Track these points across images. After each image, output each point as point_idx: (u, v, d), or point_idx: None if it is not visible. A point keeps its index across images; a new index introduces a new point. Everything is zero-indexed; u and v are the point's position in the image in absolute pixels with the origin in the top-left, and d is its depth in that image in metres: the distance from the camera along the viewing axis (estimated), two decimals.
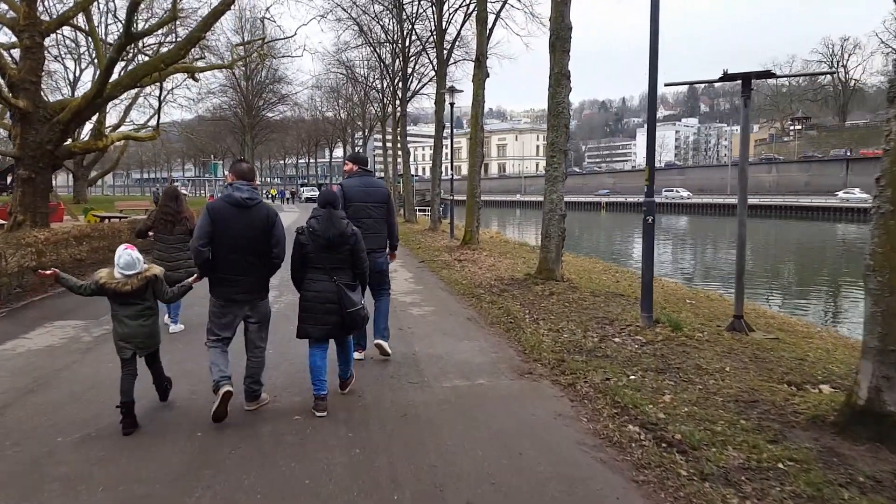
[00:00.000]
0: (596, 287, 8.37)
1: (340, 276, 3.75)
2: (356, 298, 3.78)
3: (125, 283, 3.46)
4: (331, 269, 3.72)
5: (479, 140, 13.42)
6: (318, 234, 3.70)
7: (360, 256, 3.82)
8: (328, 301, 3.70)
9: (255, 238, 3.61)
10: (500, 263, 11.05)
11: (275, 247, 3.68)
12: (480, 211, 13.85)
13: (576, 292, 7.79)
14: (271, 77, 42.31)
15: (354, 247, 3.78)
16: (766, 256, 26.82)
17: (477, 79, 13.30)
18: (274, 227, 3.68)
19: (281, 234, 3.72)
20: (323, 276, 3.72)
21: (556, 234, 8.32)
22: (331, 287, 3.70)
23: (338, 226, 3.73)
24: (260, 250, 3.64)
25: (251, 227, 3.60)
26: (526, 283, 8.34)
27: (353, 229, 3.80)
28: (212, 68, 17.83)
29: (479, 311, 6.89)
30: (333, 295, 3.69)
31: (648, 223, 5.88)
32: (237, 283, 3.62)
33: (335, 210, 3.80)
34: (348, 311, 3.71)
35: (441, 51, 19.52)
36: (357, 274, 3.87)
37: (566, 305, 7.02)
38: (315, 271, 3.74)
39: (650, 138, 5.90)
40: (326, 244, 3.70)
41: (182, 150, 79.60)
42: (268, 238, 3.65)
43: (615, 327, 5.99)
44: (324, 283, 3.71)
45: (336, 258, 3.74)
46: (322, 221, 3.74)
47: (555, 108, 8.30)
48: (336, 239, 3.71)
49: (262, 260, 3.67)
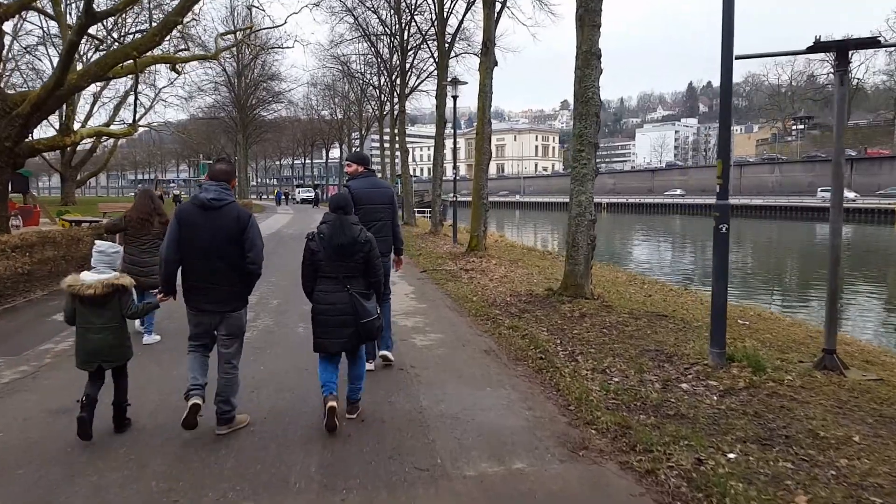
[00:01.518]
0: (631, 305, 7.07)
1: (354, 285, 3.52)
2: (371, 308, 3.56)
3: (88, 287, 3.22)
4: (344, 277, 3.50)
5: (487, 135, 12.13)
6: (328, 240, 3.48)
7: (374, 264, 3.59)
8: (343, 313, 3.49)
9: (224, 242, 3.32)
10: (513, 274, 9.73)
11: (248, 251, 3.35)
12: (488, 214, 12.54)
13: (611, 313, 6.48)
14: (264, 74, 40.93)
15: (369, 254, 3.55)
16: (789, 259, 25.57)
17: (484, 66, 12.00)
18: (246, 231, 3.35)
19: (255, 238, 3.38)
20: (335, 285, 3.50)
21: (584, 244, 7.01)
22: (344, 297, 3.48)
23: (349, 232, 3.51)
24: (231, 256, 3.34)
25: (220, 231, 3.32)
26: (549, 302, 7.03)
27: (367, 236, 3.57)
28: (194, 59, 16.49)
29: (499, 341, 5.57)
30: (347, 306, 3.48)
31: (722, 233, 4.56)
32: (206, 292, 3.36)
33: (346, 215, 3.57)
34: (363, 321, 3.49)
35: (442, 41, 18.24)
36: (371, 283, 3.63)
37: (604, 332, 5.71)
38: (327, 280, 3.52)
39: (724, 119, 4.59)
40: (338, 251, 3.48)
41: (177, 150, 78.27)
42: (240, 243, 3.34)
43: (676, 366, 4.68)
44: (337, 293, 3.49)
45: (349, 266, 3.52)
46: (333, 227, 3.51)
47: (583, 93, 7.00)
48: (348, 247, 3.49)
49: (233, 267, 3.36)
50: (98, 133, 17.69)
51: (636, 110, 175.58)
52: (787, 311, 11.52)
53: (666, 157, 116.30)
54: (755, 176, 72.52)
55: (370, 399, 3.93)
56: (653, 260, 25.80)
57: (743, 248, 31.33)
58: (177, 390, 3.79)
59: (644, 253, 28.87)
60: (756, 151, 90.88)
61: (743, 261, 25.28)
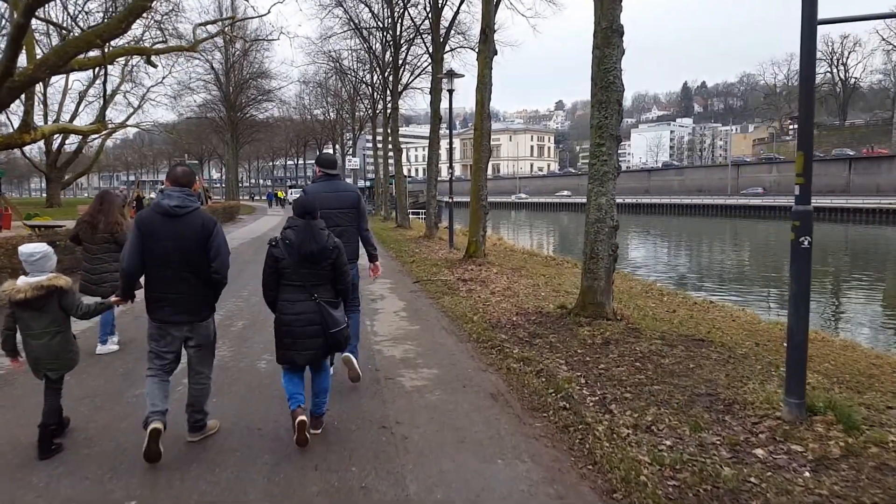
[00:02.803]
0: (660, 326, 6.00)
1: (321, 293, 3.37)
2: (339, 316, 3.42)
3: (18, 292, 3.11)
4: (311, 286, 3.34)
5: (486, 131, 11.05)
6: (295, 247, 3.29)
7: (343, 271, 3.48)
8: (310, 323, 3.32)
9: (189, 251, 3.19)
10: (518, 286, 8.65)
11: (213, 260, 3.22)
12: (488, 216, 11.45)
13: (640, 339, 5.41)
14: (253, 71, 39.70)
15: (337, 260, 3.42)
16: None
17: (483, 56, 10.93)
18: (211, 238, 3.23)
19: (220, 246, 3.26)
20: (301, 294, 3.33)
21: (605, 254, 5.94)
22: (311, 307, 3.33)
23: (318, 239, 3.34)
24: (196, 265, 3.21)
25: (184, 239, 3.17)
26: (564, 323, 5.95)
27: (335, 241, 3.43)
28: (169, 50, 15.32)
29: (508, 378, 4.49)
30: (315, 315, 3.32)
31: (802, 248, 3.49)
32: (172, 303, 3.22)
33: (315, 220, 3.39)
34: (332, 331, 3.35)
35: (437, 32, 17.15)
36: (339, 290, 3.51)
37: (638, 366, 4.64)
38: (292, 289, 3.35)
39: (806, 100, 3.52)
40: (307, 259, 3.31)
41: (168, 151, 76.88)
42: (204, 251, 3.20)
43: (741, 419, 3.62)
44: (304, 302, 3.33)
45: (317, 274, 3.37)
46: (300, 233, 3.33)
47: (602, 77, 5.93)
48: (318, 254, 3.32)
49: (199, 276, 3.24)
50: (62, 130, 16.51)
51: (631, 111, 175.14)
52: (823, 326, 10.51)
53: (662, 157, 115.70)
54: (753, 176, 71.95)
55: (338, 483, 2.85)
56: (660, 262, 24.82)
57: (749, 249, 30.46)
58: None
59: (649, 255, 27.90)
60: (753, 151, 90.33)
61: (754, 263, 24.34)
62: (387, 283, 9.26)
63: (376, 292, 8.48)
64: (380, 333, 5.92)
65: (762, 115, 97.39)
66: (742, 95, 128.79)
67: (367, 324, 6.33)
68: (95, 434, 3.46)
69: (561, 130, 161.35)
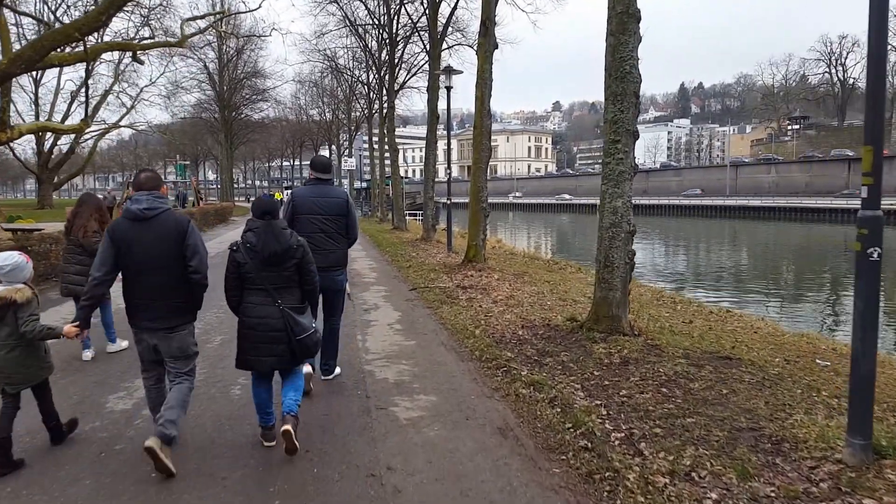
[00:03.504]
0: (681, 342, 5.44)
1: (286, 298, 3.21)
2: (306, 322, 3.24)
3: None
4: (274, 289, 3.17)
5: (486, 129, 10.48)
6: (257, 249, 3.14)
7: (308, 271, 3.29)
8: (273, 328, 3.16)
9: (165, 253, 3.08)
10: (521, 294, 8.08)
11: (190, 259, 3.09)
12: (488, 219, 10.87)
13: (662, 357, 4.86)
14: (247, 70, 39.07)
15: (301, 261, 3.25)
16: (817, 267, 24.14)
17: (482, 49, 10.37)
18: (187, 238, 3.11)
19: (197, 245, 3.13)
20: (265, 298, 3.18)
21: (621, 262, 5.37)
22: (275, 312, 3.16)
23: (281, 240, 3.18)
24: (173, 268, 3.09)
25: (158, 241, 3.08)
26: (576, 338, 5.38)
27: (299, 240, 3.27)
28: (156, 46, 14.68)
29: (517, 408, 3.91)
30: (279, 321, 3.15)
31: (871, 260, 2.92)
32: (148, 309, 3.12)
33: (275, 220, 3.22)
34: (298, 338, 3.18)
35: (434, 29, 16.59)
36: (305, 292, 3.33)
37: (665, 392, 4.08)
38: (255, 293, 3.19)
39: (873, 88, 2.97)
40: (269, 261, 3.15)
41: (164, 152, 76.16)
42: (180, 251, 3.08)
43: (795, 463, 3.06)
44: (266, 307, 3.17)
45: (280, 277, 3.20)
46: (261, 235, 3.17)
47: (618, 67, 5.37)
48: (281, 255, 3.16)
49: (177, 280, 3.11)
50: (42, 128, 15.91)
51: None
52: (841, 335, 9.96)
53: (659, 157, 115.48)
54: (752, 177, 71.64)
55: None
56: (664, 266, 24.30)
57: (752, 250, 29.96)
58: None
59: (652, 258, 27.37)
60: (751, 152, 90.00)
61: (757, 266, 23.85)
62: (381, 291, 8.68)
63: (370, 301, 7.90)
64: (372, 350, 5.34)
65: (760, 116, 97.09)
66: (739, 96, 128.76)
67: (358, 338, 5.76)
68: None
69: (558, 131, 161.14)
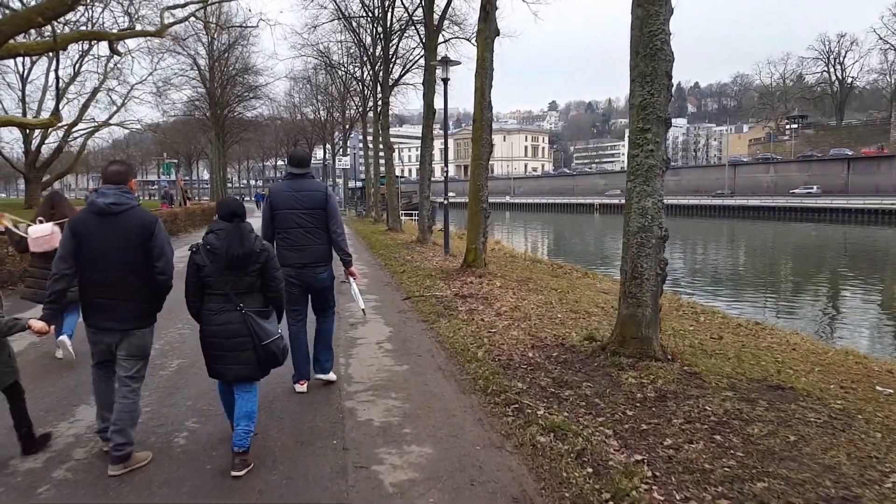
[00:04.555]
0: (719, 366, 4.61)
1: (248, 303, 3.07)
2: (271, 328, 3.09)
3: None
4: (236, 294, 3.03)
5: (487, 122, 9.64)
6: (219, 252, 3.01)
7: (273, 276, 3.15)
8: (236, 335, 3.01)
9: (128, 251, 2.96)
10: (527, 304, 7.24)
11: (157, 260, 3.00)
12: (489, 220, 10.01)
13: (705, 389, 4.02)
14: (239, 67, 38.11)
15: (265, 265, 3.11)
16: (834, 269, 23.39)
17: (482, 36, 9.52)
18: (153, 237, 3.00)
19: (163, 244, 3.02)
20: (226, 303, 3.04)
21: (651, 273, 4.53)
22: (237, 317, 3.02)
23: (246, 243, 3.03)
24: (136, 267, 2.98)
25: (122, 239, 2.95)
26: (598, 363, 4.54)
27: (263, 244, 3.13)
28: (133, 35, 13.74)
29: (535, 466, 3.05)
30: (241, 326, 3.01)
31: None
32: (106, 309, 2.97)
33: (244, 223, 3.08)
34: (263, 343, 3.03)
35: (431, 19, 15.74)
36: (270, 298, 3.17)
37: (719, 441, 3.23)
38: (216, 298, 3.05)
39: None
40: (231, 265, 3.00)
41: (157, 151, 75.04)
42: (145, 251, 2.97)
43: None
44: (228, 312, 3.03)
45: (243, 281, 3.05)
46: (225, 237, 3.02)
47: (647, 42, 4.54)
48: (243, 259, 3.01)
49: (139, 279, 2.99)
50: (7, 122, 14.97)
51: (624, 111, 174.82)
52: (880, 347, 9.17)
53: None
54: (750, 176, 71.13)
55: None
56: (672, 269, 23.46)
57: (757, 252, 29.24)
58: None
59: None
60: (749, 151, 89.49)
61: (764, 267, 23.09)
62: (372, 301, 7.82)
63: (357, 313, 7.03)
64: (356, 379, 4.49)
65: (757, 115, 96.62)
66: (736, 96, 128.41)
67: (340, 362, 4.91)
68: None
69: (555, 131, 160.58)
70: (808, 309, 14.73)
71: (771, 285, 18.90)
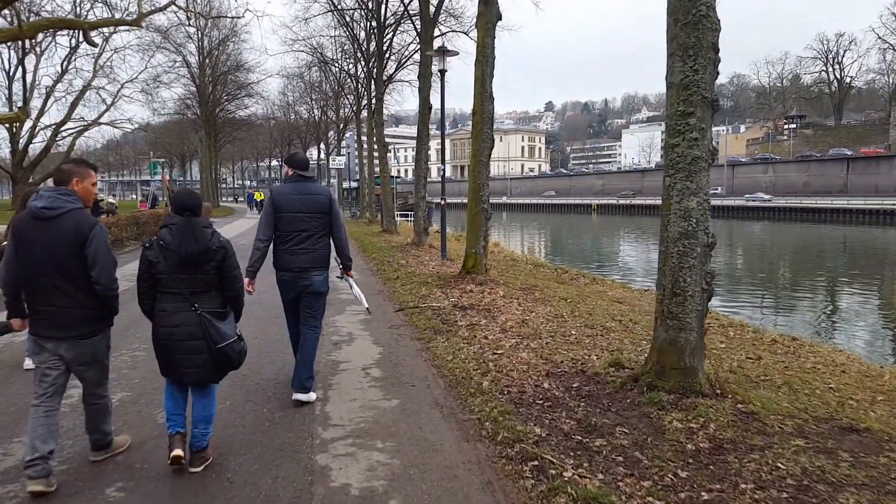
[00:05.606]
0: (777, 402, 3.80)
1: (204, 303, 2.92)
2: (227, 329, 2.96)
3: None
4: (191, 294, 2.89)
5: (488, 115, 8.82)
6: (172, 249, 2.86)
7: (231, 275, 3.01)
8: (190, 336, 2.88)
9: (63, 258, 2.79)
10: (535, 317, 6.41)
11: (91, 269, 2.80)
12: (490, 222, 9.18)
13: (768, 435, 3.21)
14: (230, 64, 37.20)
15: (222, 263, 2.96)
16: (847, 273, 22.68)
17: (483, 20, 8.70)
18: (88, 244, 2.80)
19: (98, 252, 2.81)
20: (181, 303, 2.90)
21: (696, 289, 3.71)
22: (192, 318, 2.89)
23: (200, 239, 2.88)
24: (75, 273, 2.81)
25: (56, 244, 2.79)
26: (631, 399, 3.71)
27: (220, 241, 2.97)
28: (107, 24, 12.80)
29: None
30: (196, 328, 2.88)
31: None
32: (49, 316, 2.82)
33: (196, 218, 2.93)
34: (219, 346, 2.90)
35: (427, 10, 14.94)
36: (228, 298, 3.05)
37: None
38: (169, 297, 2.91)
39: None
40: (185, 262, 2.86)
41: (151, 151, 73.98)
42: (81, 259, 2.80)
43: None
44: (182, 313, 2.89)
45: (197, 279, 2.91)
46: (178, 233, 2.88)
47: (688, 9, 3.72)
48: (198, 256, 2.86)
49: (80, 286, 2.82)
50: None
51: (620, 111, 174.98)
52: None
53: (654, 157, 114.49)
54: (749, 176, 70.61)
55: None
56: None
57: (764, 255, 28.55)
58: None
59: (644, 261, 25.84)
60: (747, 151, 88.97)
61: (773, 271, 22.37)
62: (361, 312, 6.97)
63: (343, 329, 6.22)
64: (333, 420, 3.64)
65: (755, 115, 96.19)
66: (732, 96, 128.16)
67: (318, 395, 4.06)
68: None
69: (551, 131, 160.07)
70: (830, 316, 13.98)
71: (781, 289, 18.16)
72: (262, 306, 6.95)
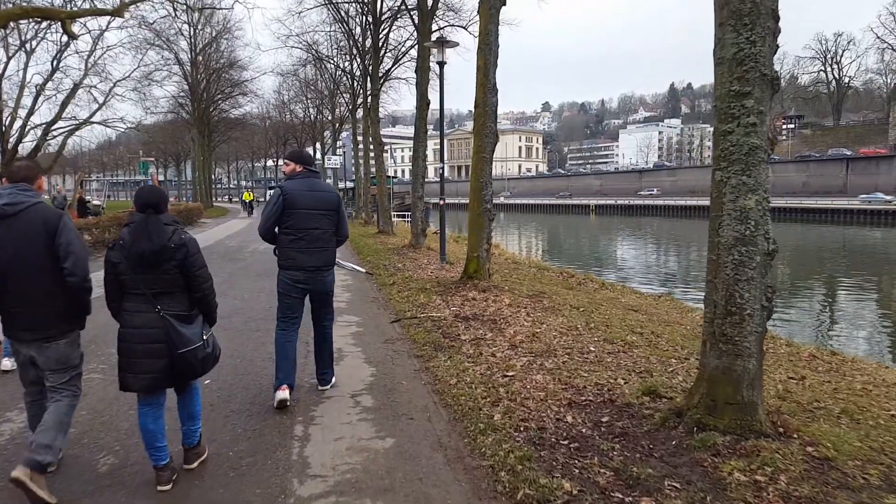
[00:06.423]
0: (846, 440, 3.16)
1: (168, 304, 2.77)
2: (191, 333, 2.79)
3: None
4: (153, 295, 2.75)
5: (492, 108, 8.16)
6: (130, 248, 2.72)
7: (195, 275, 2.83)
8: (151, 339, 2.73)
9: (33, 255, 2.72)
10: (547, 329, 5.75)
11: (64, 261, 2.74)
12: (493, 223, 8.52)
13: (851, 489, 2.57)
14: (223, 62, 36.46)
15: (185, 262, 2.78)
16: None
17: (486, 5, 8.04)
18: (58, 234, 2.74)
19: (71, 242, 2.76)
20: (143, 304, 2.75)
21: (754, 307, 3.05)
22: (154, 320, 2.73)
23: (157, 237, 2.72)
24: (45, 270, 2.73)
25: (24, 242, 2.72)
26: (677, 441, 3.06)
27: (181, 239, 2.78)
28: (85, 14, 12.02)
29: None
30: (158, 331, 2.73)
31: None
32: (20, 317, 2.76)
33: (156, 215, 2.77)
34: (180, 352, 2.74)
35: (424, 0, 14.27)
36: (195, 299, 2.86)
37: None
38: (132, 298, 2.77)
39: None
40: (142, 262, 2.71)
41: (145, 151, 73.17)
42: (51, 252, 2.73)
43: None
44: (145, 314, 2.74)
45: (159, 280, 2.75)
46: (135, 231, 2.74)
47: None
48: (155, 255, 2.71)
49: (53, 283, 2.74)
50: None
51: (618, 112, 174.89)
52: None
53: (651, 157, 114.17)
54: None
55: None
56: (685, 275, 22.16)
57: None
58: None
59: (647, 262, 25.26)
60: None
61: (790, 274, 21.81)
62: (352, 324, 6.31)
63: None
64: (312, 466, 2.98)
65: None
66: None
67: (296, 433, 3.40)
68: None
69: (548, 131, 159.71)
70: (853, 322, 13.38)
71: (793, 293, 17.57)
72: (244, 317, 6.28)
